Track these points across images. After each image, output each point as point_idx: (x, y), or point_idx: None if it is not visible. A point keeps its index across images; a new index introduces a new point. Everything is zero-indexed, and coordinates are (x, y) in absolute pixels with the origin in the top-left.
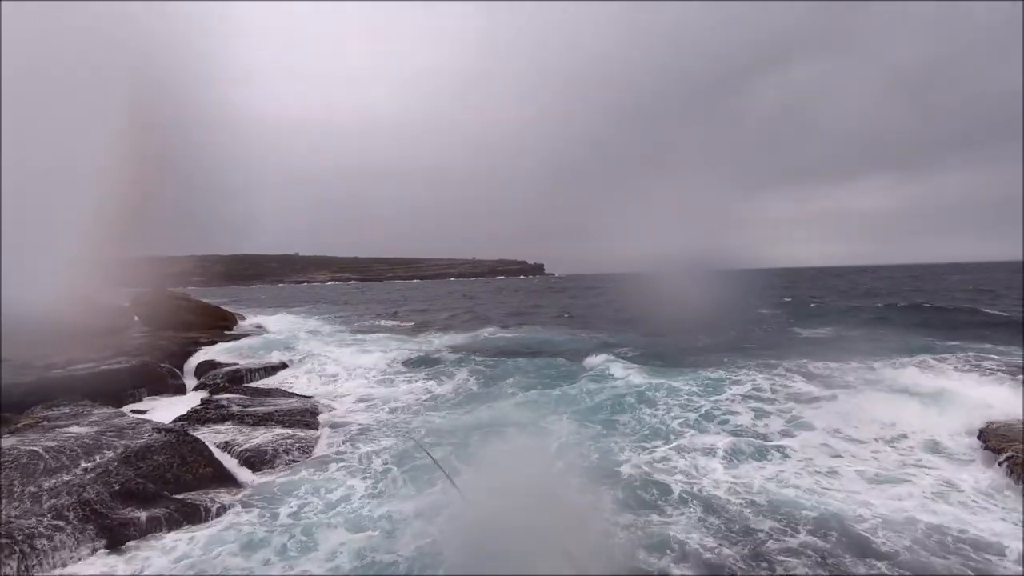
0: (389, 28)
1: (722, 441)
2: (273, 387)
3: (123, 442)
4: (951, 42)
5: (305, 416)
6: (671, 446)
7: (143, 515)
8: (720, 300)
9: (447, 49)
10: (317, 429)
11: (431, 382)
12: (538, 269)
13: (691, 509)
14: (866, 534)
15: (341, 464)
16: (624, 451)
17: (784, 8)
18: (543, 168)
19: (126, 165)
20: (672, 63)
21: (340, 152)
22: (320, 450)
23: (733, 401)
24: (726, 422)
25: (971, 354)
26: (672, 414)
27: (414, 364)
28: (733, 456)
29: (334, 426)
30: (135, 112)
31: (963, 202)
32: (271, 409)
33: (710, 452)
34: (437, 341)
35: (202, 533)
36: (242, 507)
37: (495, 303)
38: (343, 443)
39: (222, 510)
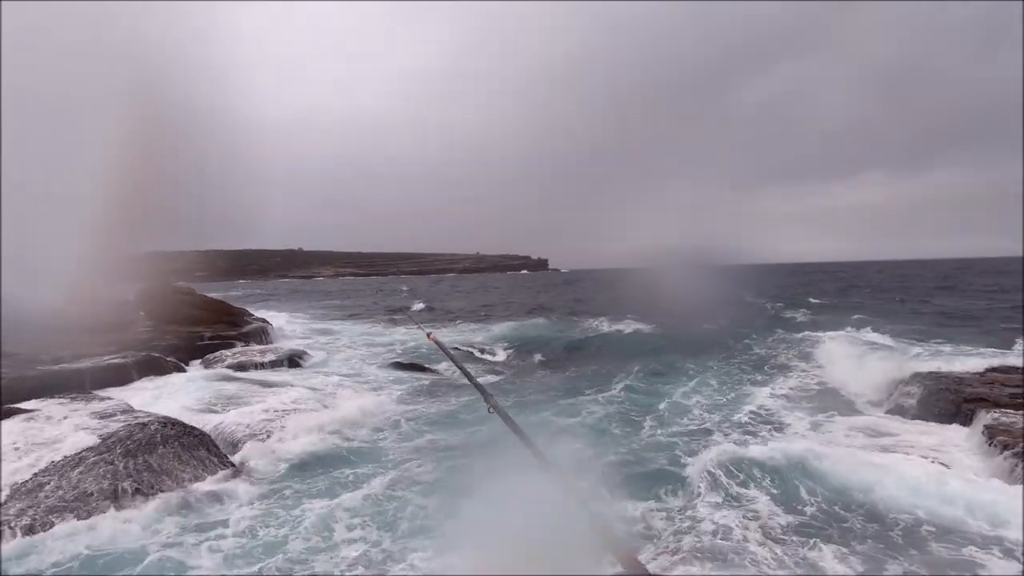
0: (397, 25)
1: None
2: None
3: (127, 433)
4: (927, 42)
5: None
6: None
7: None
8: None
9: (449, 45)
10: None
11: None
12: (542, 264)
13: None
14: None
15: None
16: None
17: (764, 8)
18: (543, 163)
19: (129, 161)
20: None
21: (340, 148)
22: None
23: None
24: None
25: None
26: None
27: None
28: None
29: None
30: (137, 107)
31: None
32: None
33: None
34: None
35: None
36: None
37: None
38: None
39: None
